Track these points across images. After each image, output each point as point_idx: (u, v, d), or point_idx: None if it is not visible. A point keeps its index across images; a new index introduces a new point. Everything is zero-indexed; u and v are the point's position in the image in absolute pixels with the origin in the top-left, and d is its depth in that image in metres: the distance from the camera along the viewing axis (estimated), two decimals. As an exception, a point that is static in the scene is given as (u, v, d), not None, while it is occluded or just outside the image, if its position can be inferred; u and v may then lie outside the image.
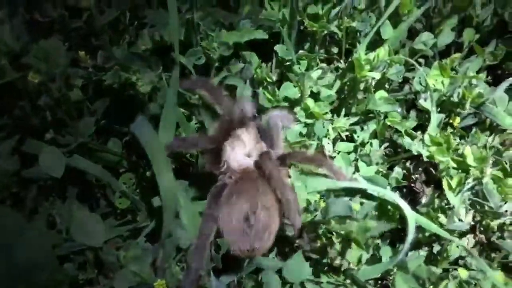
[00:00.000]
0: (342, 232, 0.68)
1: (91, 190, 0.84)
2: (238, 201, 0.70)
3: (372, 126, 0.85)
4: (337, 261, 0.73)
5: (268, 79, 0.85)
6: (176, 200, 0.73)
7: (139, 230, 0.78)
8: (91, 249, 0.70)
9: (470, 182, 0.71)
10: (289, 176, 0.74)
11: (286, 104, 0.85)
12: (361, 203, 0.74)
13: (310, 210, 0.71)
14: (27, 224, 0.65)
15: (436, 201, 0.75)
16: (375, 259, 0.72)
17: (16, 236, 0.62)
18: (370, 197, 0.74)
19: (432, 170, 0.85)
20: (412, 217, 0.69)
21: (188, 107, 0.83)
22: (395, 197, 0.71)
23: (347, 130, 0.82)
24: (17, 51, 0.73)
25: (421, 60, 0.92)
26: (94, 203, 0.84)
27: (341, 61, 0.91)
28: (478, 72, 0.87)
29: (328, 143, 0.80)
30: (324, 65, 0.88)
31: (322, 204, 0.70)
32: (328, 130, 0.80)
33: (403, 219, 0.73)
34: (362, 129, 0.85)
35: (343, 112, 0.84)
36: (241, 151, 0.76)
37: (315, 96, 0.83)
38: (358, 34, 0.90)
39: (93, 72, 0.75)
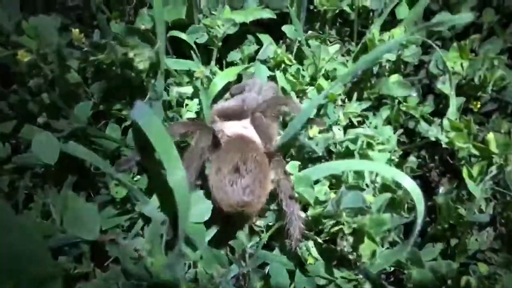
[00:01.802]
0: (354, 226, 0.64)
1: (90, 177, 0.79)
2: (228, 154, 0.68)
3: (385, 111, 0.80)
4: (349, 255, 0.69)
5: (288, 62, 0.81)
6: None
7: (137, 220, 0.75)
8: (86, 242, 0.66)
9: (492, 171, 0.66)
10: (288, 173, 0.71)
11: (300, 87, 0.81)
12: (375, 195, 0.70)
13: (320, 201, 0.67)
14: (18, 215, 0.61)
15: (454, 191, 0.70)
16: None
17: (6, 228, 0.58)
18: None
19: (449, 159, 0.80)
20: (419, 195, 0.64)
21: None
22: (400, 176, 0.66)
23: (359, 116, 0.77)
24: (9, 30, 0.69)
25: (438, 43, 0.87)
26: (93, 191, 0.79)
27: (353, 43, 0.87)
28: (498, 54, 0.82)
29: (339, 130, 0.75)
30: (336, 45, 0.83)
31: (333, 195, 0.67)
32: (338, 116, 0.76)
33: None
34: (374, 114, 0.81)
35: (355, 97, 0.80)
36: (238, 124, 0.76)
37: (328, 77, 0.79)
38: (371, 14, 0.85)
39: (89, 52, 0.70)
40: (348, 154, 0.73)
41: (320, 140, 0.74)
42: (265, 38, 0.85)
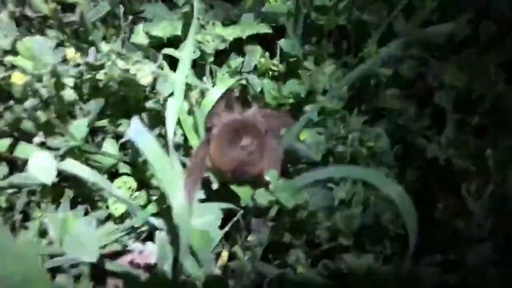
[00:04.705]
0: (329, 225, 0.66)
1: (87, 190, 0.79)
2: (230, 120, 0.72)
3: (383, 124, 0.79)
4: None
5: (274, 68, 0.80)
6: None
7: (138, 234, 0.76)
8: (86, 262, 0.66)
9: (491, 187, 0.66)
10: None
11: (292, 101, 0.80)
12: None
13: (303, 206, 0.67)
14: (15, 236, 0.60)
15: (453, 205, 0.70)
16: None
17: (3, 250, 0.58)
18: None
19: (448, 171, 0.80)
20: (407, 203, 0.64)
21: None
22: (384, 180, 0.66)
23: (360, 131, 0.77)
24: (5, 49, 0.69)
25: (435, 53, 0.86)
26: (90, 205, 0.79)
27: (350, 55, 0.86)
28: (497, 66, 0.82)
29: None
30: (332, 60, 0.83)
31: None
32: (339, 129, 0.76)
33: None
34: (372, 127, 0.80)
35: (355, 111, 0.79)
36: None
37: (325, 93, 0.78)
38: (369, 26, 0.85)
39: (86, 70, 0.70)
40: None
41: (313, 144, 0.74)
42: (251, 50, 0.84)
